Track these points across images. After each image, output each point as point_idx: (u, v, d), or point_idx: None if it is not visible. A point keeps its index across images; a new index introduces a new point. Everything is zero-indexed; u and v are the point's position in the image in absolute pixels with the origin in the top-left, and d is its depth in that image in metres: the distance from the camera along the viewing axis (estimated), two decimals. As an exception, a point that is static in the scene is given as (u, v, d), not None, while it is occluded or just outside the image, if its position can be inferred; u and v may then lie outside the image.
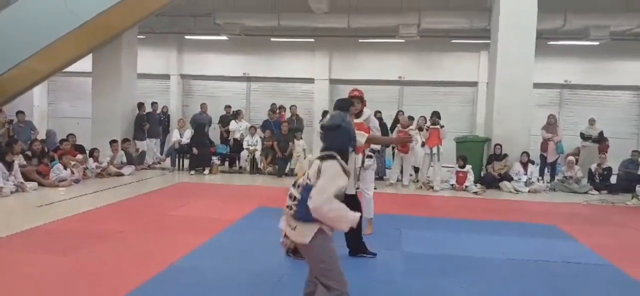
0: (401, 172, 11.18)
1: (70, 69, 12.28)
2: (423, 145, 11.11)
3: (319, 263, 3.18)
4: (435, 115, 10.70)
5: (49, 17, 10.69)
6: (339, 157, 3.14)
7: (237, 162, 12.82)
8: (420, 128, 11.27)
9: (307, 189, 3.09)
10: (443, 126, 10.65)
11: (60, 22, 10.68)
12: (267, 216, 7.52)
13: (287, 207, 3.21)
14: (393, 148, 11.42)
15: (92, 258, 5.17)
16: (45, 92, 17.40)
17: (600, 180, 11.14)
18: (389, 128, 12.14)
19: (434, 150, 10.53)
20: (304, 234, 3.12)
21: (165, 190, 9.76)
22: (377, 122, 6.25)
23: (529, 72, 11.26)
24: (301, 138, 12.44)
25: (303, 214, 3.09)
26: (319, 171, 3.09)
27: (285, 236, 3.29)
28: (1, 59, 10.57)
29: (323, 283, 3.17)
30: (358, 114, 5.98)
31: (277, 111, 13.46)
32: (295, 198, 3.16)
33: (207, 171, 11.99)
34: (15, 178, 8.89)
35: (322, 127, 3.33)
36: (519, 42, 11.18)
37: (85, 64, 12.65)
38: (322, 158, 3.14)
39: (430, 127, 10.59)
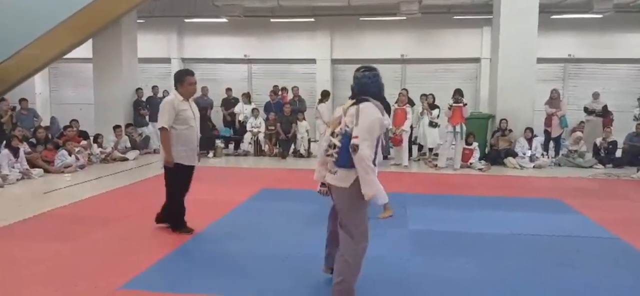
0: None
1: (71, 55, 12.25)
2: (433, 125, 11.08)
3: (351, 210, 3.33)
4: (458, 93, 10.43)
5: (47, 4, 10.64)
6: (373, 100, 3.26)
7: (241, 144, 12.81)
8: (431, 106, 11.24)
9: (346, 136, 3.20)
10: (466, 104, 10.47)
11: (59, 9, 10.64)
12: (271, 197, 7.60)
13: (327, 154, 3.35)
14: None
15: (99, 242, 5.21)
16: (47, 79, 17.36)
17: (605, 154, 11.11)
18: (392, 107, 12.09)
19: (457, 128, 10.36)
20: (344, 179, 3.27)
21: (169, 174, 9.76)
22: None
23: (532, 47, 11.15)
24: (304, 119, 12.41)
25: (345, 161, 3.23)
26: (357, 114, 3.19)
27: (322, 184, 3.47)
28: (1, 47, 10.52)
29: (348, 231, 3.30)
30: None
31: (279, 93, 13.41)
32: (335, 145, 3.29)
33: (211, 154, 12.00)
34: (21, 165, 8.93)
35: (357, 70, 3.48)
36: (522, 16, 11.05)
37: (86, 50, 12.61)
38: (357, 102, 3.26)
39: (454, 105, 10.38)
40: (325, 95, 11.86)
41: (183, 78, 5.34)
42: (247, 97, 13.48)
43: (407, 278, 4.29)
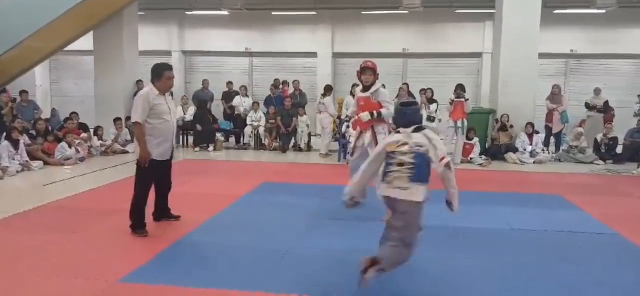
0: None
1: (71, 47, 12.23)
2: (431, 119, 11.06)
3: (415, 222, 3.70)
4: (460, 88, 10.43)
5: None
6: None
7: (242, 138, 12.80)
8: (429, 101, 11.22)
9: (419, 156, 3.64)
10: (468, 99, 10.46)
11: (60, 1, 10.60)
12: (272, 191, 7.59)
13: (393, 171, 3.67)
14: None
15: (99, 235, 5.21)
16: (48, 71, 17.34)
17: (606, 150, 11.09)
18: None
19: (459, 123, 10.38)
20: (418, 194, 3.62)
21: (170, 167, 9.76)
22: (387, 95, 6.06)
23: (535, 42, 11.11)
24: (305, 113, 12.39)
25: (421, 177, 3.62)
26: (429, 139, 3.72)
27: (387, 198, 3.72)
28: (1, 39, 10.50)
29: (407, 241, 3.65)
30: (368, 87, 5.92)
31: (280, 86, 13.39)
32: (406, 163, 3.63)
33: (211, 148, 12.00)
34: (21, 157, 8.93)
35: (402, 105, 4.01)
36: (524, 11, 11.01)
37: (87, 43, 12.59)
38: (418, 130, 3.78)
39: (455, 100, 10.37)
40: (328, 90, 11.88)
41: (162, 73, 5.14)
42: (245, 90, 13.47)
43: (407, 273, 4.28)
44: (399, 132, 3.85)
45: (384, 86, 6.14)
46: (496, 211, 6.45)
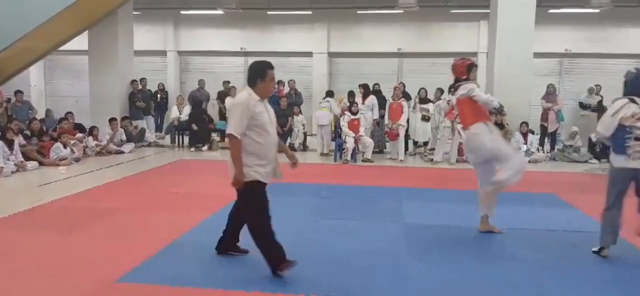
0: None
1: (66, 47, 12.15)
2: (427, 119, 11.09)
3: None
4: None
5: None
6: None
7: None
8: (422, 100, 11.26)
9: None
10: None
11: (55, 0, 10.56)
12: (268, 191, 7.56)
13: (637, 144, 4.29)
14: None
15: (95, 235, 5.20)
16: (42, 71, 17.27)
17: (600, 149, 11.13)
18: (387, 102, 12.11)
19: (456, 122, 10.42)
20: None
21: (165, 167, 9.76)
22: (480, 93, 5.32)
23: (529, 42, 11.14)
24: (300, 112, 12.40)
25: None
26: None
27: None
28: (-3, 38, 10.47)
29: None
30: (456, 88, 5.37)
31: (276, 86, 13.37)
32: None
33: (206, 147, 11.98)
34: (15, 158, 8.90)
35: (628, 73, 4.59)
36: (519, 10, 11.04)
37: (81, 42, 12.53)
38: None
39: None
40: (330, 94, 11.92)
41: (265, 73, 4.17)
42: (235, 91, 13.42)
43: (403, 272, 4.30)
44: (634, 102, 4.35)
45: (376, 85, 5.85)
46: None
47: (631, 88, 4.53)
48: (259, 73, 4.16)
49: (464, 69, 5.26)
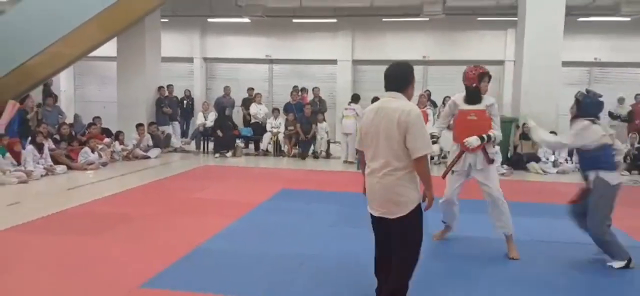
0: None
1: (95, 53, 12.42)
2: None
3: None
4: None
5: (72, 2, 10.81)
6: None
7: (261, 144, 12.85)
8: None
9: None
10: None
11: (84, 7, 10.79)
12: (290, 198, 7.59)
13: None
14: None
15: (120, 239, 5.26)
16: (72, 76, 17.66)
17: (631, 160, 10.85)
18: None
19: None
20: None
21: (190, 173, 9.85)
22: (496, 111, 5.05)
23: (558, 50, 10.96)
24: (324, 120, 12.40)
25: None
26: None
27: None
28: (27, 44, 10.73)
29: None
30: (476, 99, 4.98)
31: (299, 93, 13.41)
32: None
33: (230, 154, 12.06)
34: (45, 161, 9.09)
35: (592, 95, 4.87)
36: (548, 18, 10.87)
37: (110, 49, 12.78)
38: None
39: None
40: (355, 98, 11.87)
41: (413, 75, 3.61)
42: (260, 98, 13.53)
43: (424, 282, 4.23)
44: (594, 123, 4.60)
45: None
46: (517, 221, 6.29)
47: (585, 111, 4.81)
48: (412, 76, 3.57)
49: (475, 77, 4.90)
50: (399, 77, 3.50)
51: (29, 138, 9.38)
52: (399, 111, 3.28)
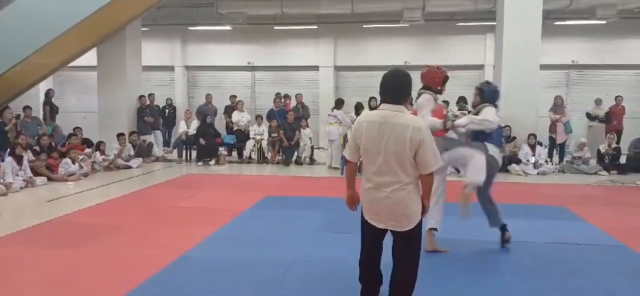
0: None
1: (75, 63, 12.26)
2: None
3: None
4: (462, 100, 10.54)
5: (52, 12, 10.68)
6: None
7: (244, 151, 12.80)
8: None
9: None
10: (470, 111, 10.48)
11: (63, 17, 10.67)
12: (274, 205, 7.57)
13: None
14: None
15: (103, 251, 5.20)
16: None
17: (609, 160, 11.06)
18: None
19: None
20: None
21: (173, 182, 9.78)
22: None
23: (536, 54, 11.13)
24: (307, 126, 12.41)
25: None
26: None
27: None
28: (6, 55, 10.57)
29: None
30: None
31: (282, 100, 13.43)
32: None
33: (213, 162, 12.00)
34: (24, 173, 8.94)
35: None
36: (525, 23, 11.04)
37: (90, 58, 12.64)
38: None
39: (458, 113, 10.40)
40: (339, 103, 11.89)
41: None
42: (242, 105, 13.50)
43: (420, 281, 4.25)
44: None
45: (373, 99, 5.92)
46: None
47: (488, 98, 5.66)
48: (411, 87, 3.54)
49: (441, 80, 5.70)
50: (401, 89, 3.48)
51: (8, 150, 9.23)
52: (410, 128, 3.26)
